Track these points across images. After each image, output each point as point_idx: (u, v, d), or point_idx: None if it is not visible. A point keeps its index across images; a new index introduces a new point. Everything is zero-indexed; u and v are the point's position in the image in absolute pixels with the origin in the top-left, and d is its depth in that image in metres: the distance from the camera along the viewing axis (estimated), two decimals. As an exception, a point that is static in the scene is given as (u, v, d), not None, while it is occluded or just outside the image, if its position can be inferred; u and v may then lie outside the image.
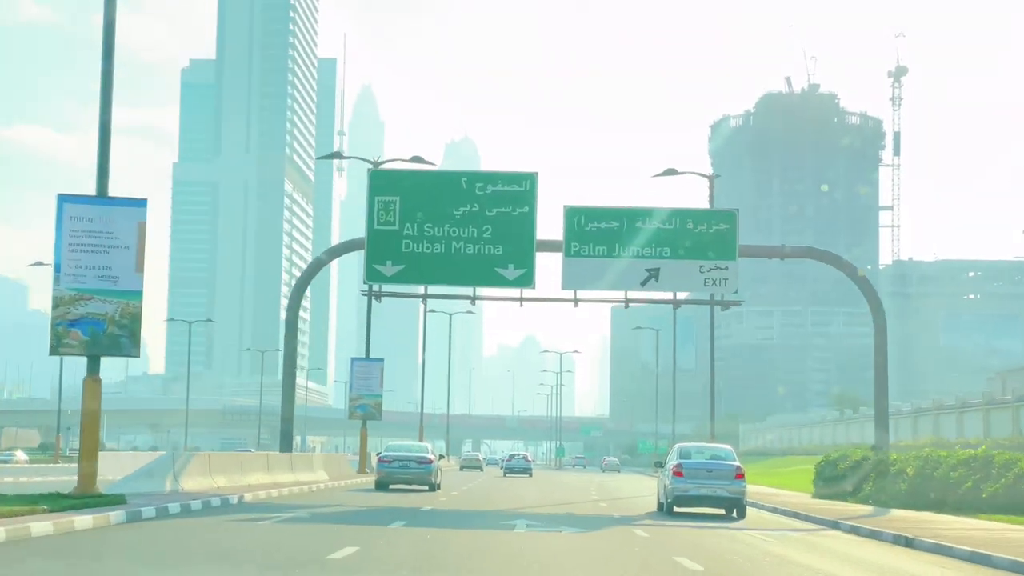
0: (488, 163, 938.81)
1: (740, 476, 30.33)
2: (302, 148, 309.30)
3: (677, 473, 30.15)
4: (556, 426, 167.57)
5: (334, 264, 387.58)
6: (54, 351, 25.10)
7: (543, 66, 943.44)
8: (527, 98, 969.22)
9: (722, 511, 30.83)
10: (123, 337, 24.92)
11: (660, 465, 33.25)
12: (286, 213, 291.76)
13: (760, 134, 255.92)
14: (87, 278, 24.83)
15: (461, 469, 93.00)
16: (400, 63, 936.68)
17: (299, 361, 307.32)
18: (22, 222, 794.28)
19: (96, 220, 24.99)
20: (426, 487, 39.49)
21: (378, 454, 42.28)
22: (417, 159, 47.72)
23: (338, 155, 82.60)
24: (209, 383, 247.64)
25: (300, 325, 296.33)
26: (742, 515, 30.17)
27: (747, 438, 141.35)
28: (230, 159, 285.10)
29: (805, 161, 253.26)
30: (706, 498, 30.09)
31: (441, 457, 45.74)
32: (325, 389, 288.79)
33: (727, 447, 32.94)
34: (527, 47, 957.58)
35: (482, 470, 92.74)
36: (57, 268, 24.85)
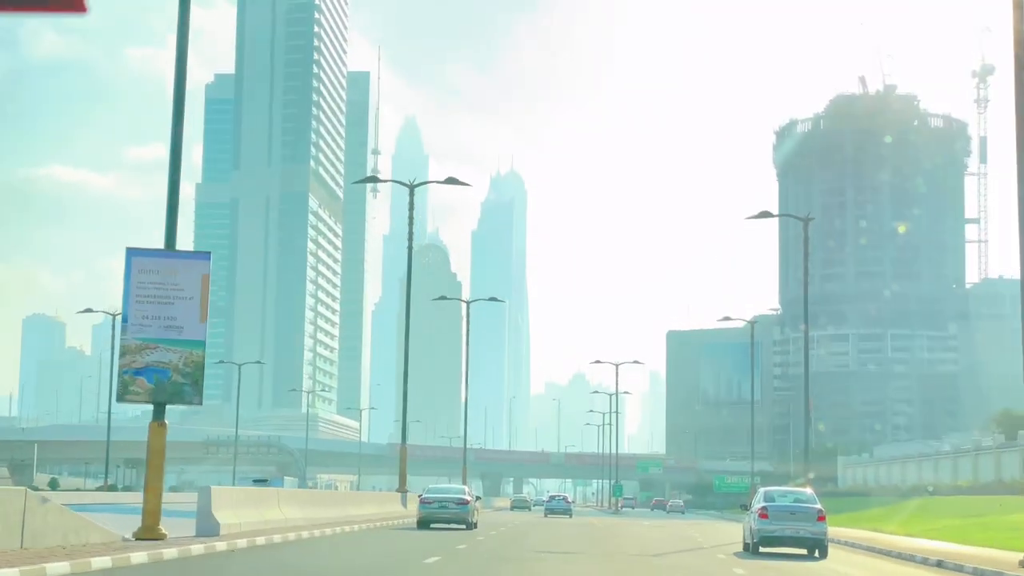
0: (535, 196, 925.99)
1: (822, 518, 33.54)
2: (330, 163, 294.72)
3: (763, 515, 33.45)
4: (609, 462, 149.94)
5: (370, 292, 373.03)
6: (120, 398, 27.67)
7: (594, 87, 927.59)
8: (577, 122, 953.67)
9: (804, 551, 33.70)
10: (186, 385, 27.09)
11: (745, 508, 36.95)
12: (311, 232, 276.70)
13: (832, 139, 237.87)
14: (152, 328, 27.06)
15: (512, 509, 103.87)
16: (444, 94, 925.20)
17: (327, 394, 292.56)
18: (59, 261, 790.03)
19: (162, 272, 27.37)
20: (464, 526, 43.63)
21: (420, 496, 46.46)
22: (452, 180, 51.00)
23: (373, 179, 79.54)
24: (227, 416, 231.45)
25: (328, 355, 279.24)
26: (824, 555, 33.01)
27: (848, 475, 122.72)
28: (250, 173, 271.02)
29: (882, 168, 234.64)
30: (790, 538, 33.34)
31: (478, 498, 50.14)
32: (354, 423, 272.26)
33: (809, 491, 36.41)
34: (576, 67, 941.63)
35: (530, 510, 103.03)
36: (125, 319, 27.34)
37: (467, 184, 48.20)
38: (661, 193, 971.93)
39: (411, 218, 47.94)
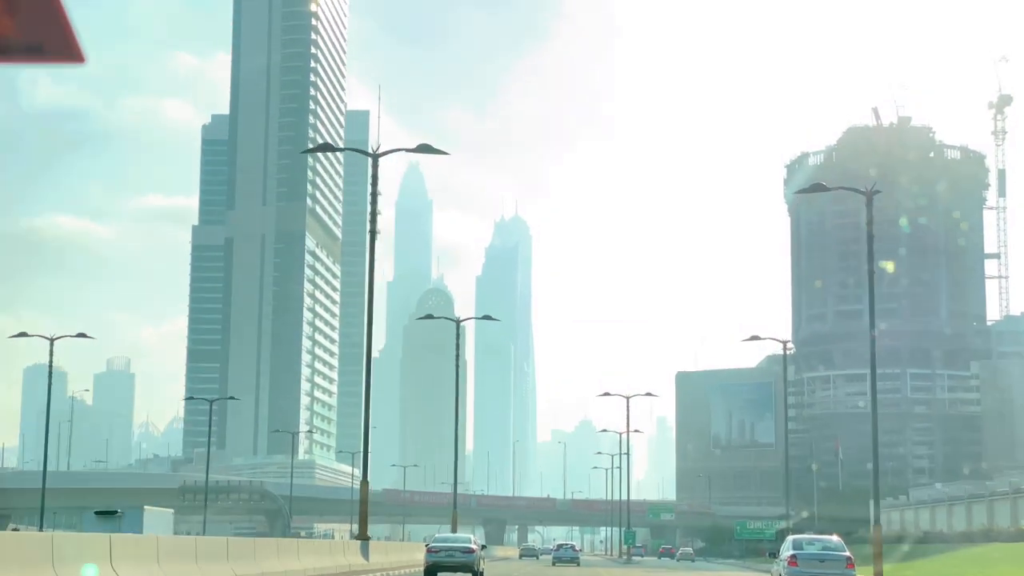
0: (540, 241, 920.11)
1: (851, 566, 34.28)
2: (327, 202, 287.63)
3: (792, 563, 34.12)
4: (618, 508, 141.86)
5: (378, 332, 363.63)
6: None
7: (597, 126, 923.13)
8: (581, 164, 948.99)
9: None
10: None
11: (774, 555, 39.80)
12: (308, 272, 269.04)
13: (844, 172, 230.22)
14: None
15: (520, 557, 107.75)
16: (445, 139, 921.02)
17: (324, 439, 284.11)
18: (60, 312, 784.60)
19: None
20: (469, 573, 44.39)
21: (426, 544, 48.53)
22: (424, 148, 47.02)
23: (327, 147, 67.20)
24: (220, 464, 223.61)
25: (324, 398, 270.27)
26: None
27: (884, 519, 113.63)
28: (244, 212, 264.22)
29: (898, 202, 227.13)
30: None
31: (483, 547, 54.15)
32: (356, 471, 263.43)
33: (837, 538, 36.96)
34: (579, 106, 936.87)
35: (538, 558, 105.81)
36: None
37: (443, 152, 44.58)
38: (668, 233, 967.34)
39: (374, 194, 40.94)
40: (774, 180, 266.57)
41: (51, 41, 4.64)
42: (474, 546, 46.35)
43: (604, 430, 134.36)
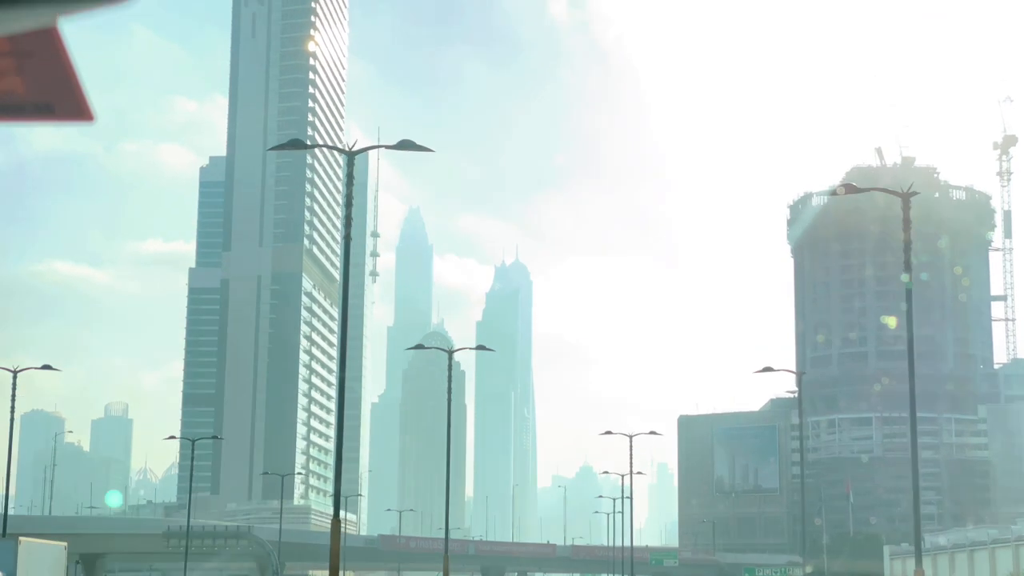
0: (541, 286, 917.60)
1: None
2: (325, 243, 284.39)
3: None
4: (620, 555, 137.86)
5: (368, 373, 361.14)
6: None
7: (596, 166, 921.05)
8: (582, 206, 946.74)
9: None
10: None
11: None
12: (305, 314, 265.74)
13: (848, 212, 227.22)
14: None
15: None
16: (445, 186, 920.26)
17: (321, 484, 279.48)
18: (59, 358, 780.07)
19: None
20: None
21: None
22: (406, 144, 44.04)
23: (298, 143, 71.18)
24: (214, 509, 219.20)
25: (321, 442, 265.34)
26: None
27: (897, 568, 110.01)
28: (241, 253, 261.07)
29: (901, 243, 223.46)
30: None
31: None
32: (353, 517, 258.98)
33: None
34: (580, 152, 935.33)
35: None
36: None
37: (428, 149, 40.74)
38: (669, 276, 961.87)
39: (348, 195, 36.99)
40: (777, 221, 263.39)
41: (61, 100, 4.67)
42: None
43: (606, 472, 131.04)
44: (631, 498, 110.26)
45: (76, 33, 4.56)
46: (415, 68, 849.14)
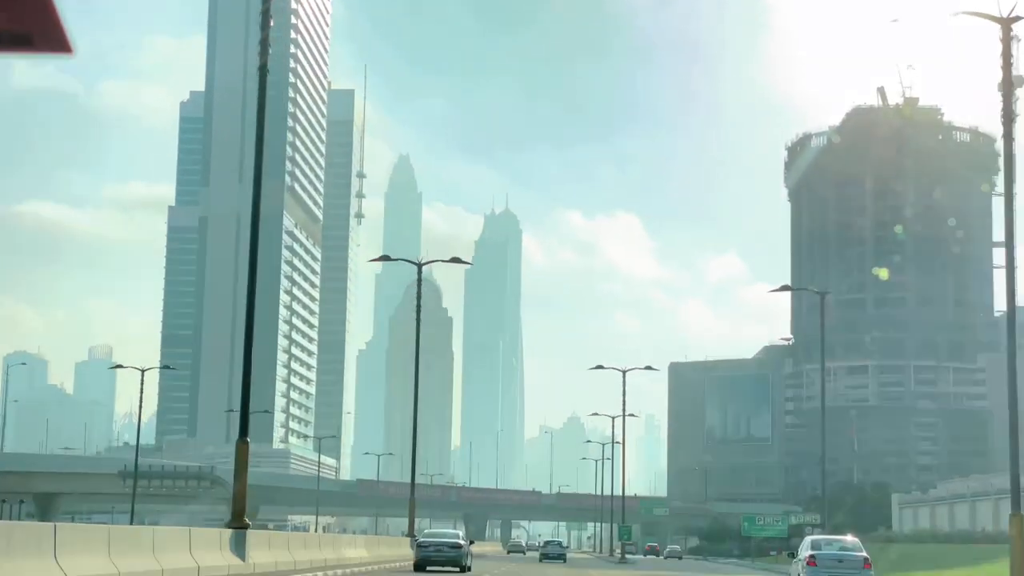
0: (530, 234, 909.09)
1: (868, 566, 35.03)
2: (308, 181, 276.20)
3: (811, 563, 34.85)
4: (609, 504, 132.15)
5: (355, 319, 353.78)
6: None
7: (586, 112, 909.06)
8: (573, 153, 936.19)
9: None
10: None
11: (792, 555, 40.83)
12: (286, 253, 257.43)
13: (848, 154, 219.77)
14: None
15: (508, 553, 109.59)
16: (438, 131, 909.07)
17: (299, 427, 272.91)
18: (41, 299, 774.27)
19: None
20: (458, 568, 45.88)
21: (416, 540, 49.32)
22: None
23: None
24: (191, 452, 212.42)
25: (302, 385, 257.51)
26: None
27: (907, 517, 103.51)
28: (219, 191, 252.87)
29: (903, 186, 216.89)
30: None
31: (472, 542, 53.65)
32: (333, 461, 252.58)
33: (855, 539, 37.85)
34: (565, 98, 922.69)
35: (524, 554, 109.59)
36: None
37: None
38: (662, 219, 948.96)
39: (265, 26, 29.81)
40: (775, 164, 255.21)
41: (41, 32, 4.68)
42: (462, 541, 47.87)
43: (595, 413, 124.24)
44: (623, 441, 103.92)
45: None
46: (403, 11, 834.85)
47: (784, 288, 61.18)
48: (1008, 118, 34.09)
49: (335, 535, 64.30)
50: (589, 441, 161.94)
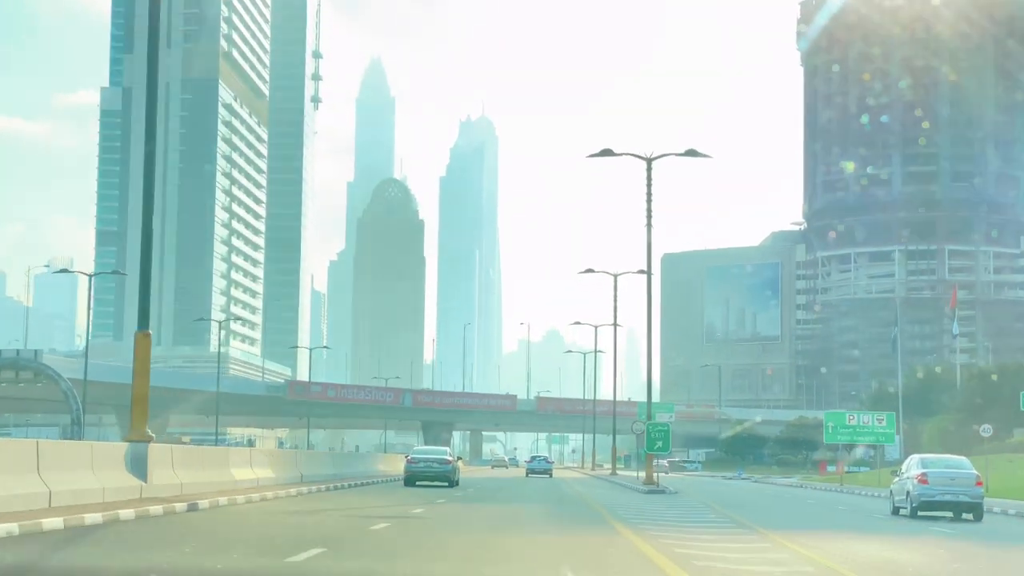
0: (506, 142, 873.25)
1: (980, 483, 34.81)
2: (251, 51, 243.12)
3: (922, 480, 34.52)
4: (598, 410, 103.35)
5: (337, 233, 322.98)
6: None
7: (568, 20, 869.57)
8: (552, 53, 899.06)
9: (963, 515, 34.52)
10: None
11: (895, 473, 38.08)
12: (223, 129, 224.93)
13: (870, 11, 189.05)
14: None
15: (492, 468, 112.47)
16: (412, 35, 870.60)
17: (249, 331, 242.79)
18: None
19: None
20: (446, 483, 48.12)
21: (407, 456, 51.40)
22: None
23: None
24: (117, 356, 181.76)
25: (247, 282, 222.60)
26: (979, 518, 33.93)
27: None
28: (144, 57, 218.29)
29: (935, 46, 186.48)
30: (950, 503, 34.45)
31: (459, 458, 60.55)
32: (285, 369, 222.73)
33: (962, 457, 37.64)
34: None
35: (507, 467, 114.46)
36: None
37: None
38: (650, 104, 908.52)
39: None
40: (786, 23, 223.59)
41: None
42: (450, 458, 49.38)
43: (577, 322, 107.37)
44: (614, 343, 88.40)
45: None
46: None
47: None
48: None
49: (255, 449, 48.18)
50: (570, 351, 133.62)
